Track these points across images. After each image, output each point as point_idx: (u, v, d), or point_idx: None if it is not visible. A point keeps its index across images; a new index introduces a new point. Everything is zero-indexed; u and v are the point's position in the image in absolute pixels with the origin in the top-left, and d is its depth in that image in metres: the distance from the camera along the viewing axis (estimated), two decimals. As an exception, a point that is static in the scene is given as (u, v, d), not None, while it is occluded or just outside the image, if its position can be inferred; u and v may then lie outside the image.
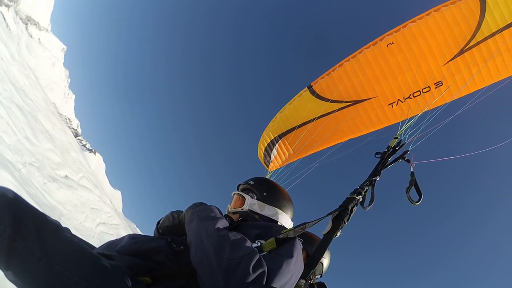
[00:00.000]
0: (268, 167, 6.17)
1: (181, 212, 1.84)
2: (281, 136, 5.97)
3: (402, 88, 4.87)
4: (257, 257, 1.34)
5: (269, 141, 6.07)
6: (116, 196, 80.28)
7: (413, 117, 3.97)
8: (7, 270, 1.12)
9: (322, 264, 2.90)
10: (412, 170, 2.99)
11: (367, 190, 2.74)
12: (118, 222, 35.64)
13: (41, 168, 20.89)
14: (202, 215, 1.59)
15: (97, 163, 78.29)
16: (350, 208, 2.42)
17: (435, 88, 4.75)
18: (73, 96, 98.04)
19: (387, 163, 3.21)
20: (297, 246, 1.58)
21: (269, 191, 2.14)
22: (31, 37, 72.32)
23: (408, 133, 3.67)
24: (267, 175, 5.70)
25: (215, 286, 1.30)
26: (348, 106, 5.36)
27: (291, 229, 1.63)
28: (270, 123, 6.09)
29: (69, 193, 24.31)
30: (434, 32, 4.53)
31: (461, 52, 4.48)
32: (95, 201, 31.28)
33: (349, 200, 2.49)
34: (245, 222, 1.86)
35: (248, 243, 1.41)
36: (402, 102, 4.96)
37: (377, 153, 3.33)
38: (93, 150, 79.54)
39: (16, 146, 17.92)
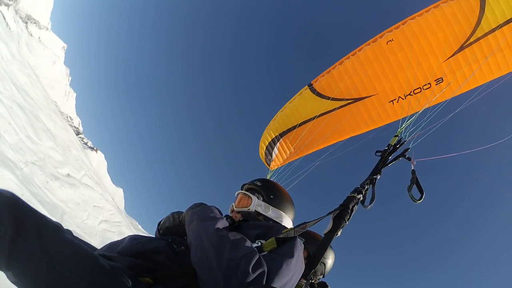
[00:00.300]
0: (270, 166, 6.17)
1: (182, 213, 1.85)
2: (282, 135, 5.96)
3: (403, 85, 4.85)
4: (257, 257, 1.34)
5: (270, 140, 6.07)
6: (118, 194, 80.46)
7: (413, 115, 3.96)
8: (8, 271, 1.13)
9: (324, 264, 2.91)
10: (413, 168, 2.97)
11: (368, 189, 2.74)
12: (120, 220, 35.76)
13: (43, 167, 20.96)
14: (202, 216, 1.60)
15: (99, 161, 78.30)
16: (351, 207, 2.43)
17: (436, 85, 4.73)
18: (74, 94, 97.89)
19: (388, 161, 3.21)
20: (298, 246, 1.58)
21: (276, 194, 2.14)
22: (31, 36, 72.18)
23: (409, 131, 3.66)
24: (268, 174, 5.70)
25: (215, 286, 1.30)
26: (349, 104, 5.34)
27: (292, 229, 1.63)
28: (271, 122, 6.09)
29: (71, 191, 24.40)
30: (434, 29, 4.51)
31: (462, 49, 4.46)
32: (97, 199, 31.38)
33: (350, 199, 2.50)
34: (246, 222, 1.86)
35: (248, 243, 1.41)
36: (403, 99, 4.94)
37: (378, 151, 3.32)
38: (95, 148, 79.52)
39: (18, 145, 17.97)
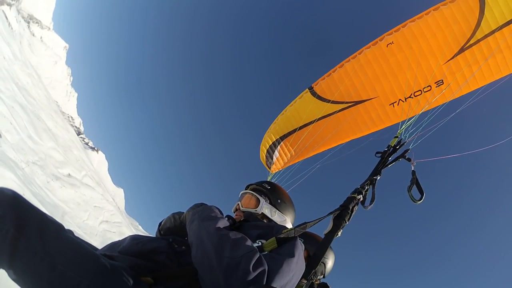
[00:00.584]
0: (270, 169, 6.16)
1: (182, 213, 1.86)
2: (283, 138, 5.96)
3: (403, 88, 4.85)
4: (257, 256, 1.34)
5: (271, 143, 6.07)
6: (119, 194, 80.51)
7: (414, 116, 3.96)
8: (10, 269, 1.13)
9: (324, 264, 2.91)
10: (413, 169, 2.98)
11: (368, 190, 2.75)
12: (121, 220, 35.79)
13: (44, 167, 20.99)
14: (203, 215, 1.61)
15: (100, 161, 78.36)
16: (351, 208, 2.43)
17: (436, 87, 4.73)
18: (76, 94, 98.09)
19: (388, 162, 3.21)
20: (298, 246, 1.58)
21: (283, 199, 2.17)
22: (33, 36, 72.35)
23: (409, 132, 3.67)
24: (269, 177, 5.70)
25: (216, 286, 1.30)
26: (349, 107, 5.34)
27: (292, 229, 1.63)
28: (272, 125, 6.09)
29: (72, 192, 24.43)
30: (434, 31, 4.51)
31: (462, 51, 4.47)
32: (98, 199, 31.41)
33: (350, 200, 2.50)
34: (247, 223, 1.87)
35: (249, 242, 1.42)
36: (403, 102, 4.94)
37: (378, 153, 3.33)
38: (96, 148, 79.57)
39: (19, 145, 18.00)
